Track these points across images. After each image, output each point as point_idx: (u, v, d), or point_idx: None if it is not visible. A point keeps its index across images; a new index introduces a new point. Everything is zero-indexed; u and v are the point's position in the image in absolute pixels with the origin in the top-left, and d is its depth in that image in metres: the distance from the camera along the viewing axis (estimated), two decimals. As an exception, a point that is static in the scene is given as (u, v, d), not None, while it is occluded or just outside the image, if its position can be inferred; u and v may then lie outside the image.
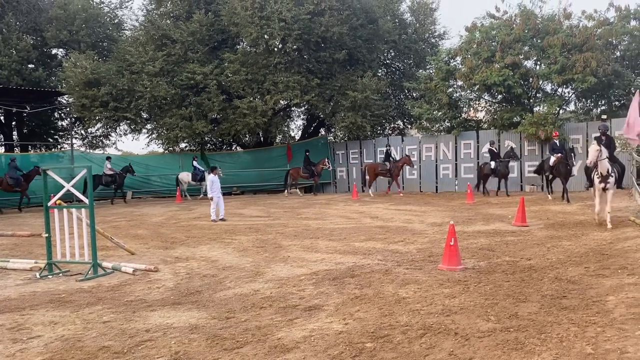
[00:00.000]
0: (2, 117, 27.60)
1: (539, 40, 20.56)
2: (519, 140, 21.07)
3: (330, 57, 23.57)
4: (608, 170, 10.37)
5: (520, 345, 4.41)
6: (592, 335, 4.54)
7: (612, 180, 10.44)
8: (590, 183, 11.17)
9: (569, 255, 7.93)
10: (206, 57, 23.98)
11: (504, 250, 8.62)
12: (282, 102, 25.50)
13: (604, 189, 10.50)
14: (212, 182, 14.52)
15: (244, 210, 17.41)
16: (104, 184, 22.67)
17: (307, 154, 24.30)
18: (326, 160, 24.09)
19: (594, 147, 10.32)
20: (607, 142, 10.91)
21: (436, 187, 23.11)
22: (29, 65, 26.00)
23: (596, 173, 10.56)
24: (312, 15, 22.27)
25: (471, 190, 18.00)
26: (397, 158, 22.67)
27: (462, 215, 13.62)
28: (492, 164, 18.84)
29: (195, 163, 23.64)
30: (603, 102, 22.04)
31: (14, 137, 28.08)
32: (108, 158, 23.75)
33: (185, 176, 23.51)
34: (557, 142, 17.05)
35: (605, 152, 10.35)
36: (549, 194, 16.98)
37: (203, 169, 23.14)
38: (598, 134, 11.50)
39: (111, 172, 22.81)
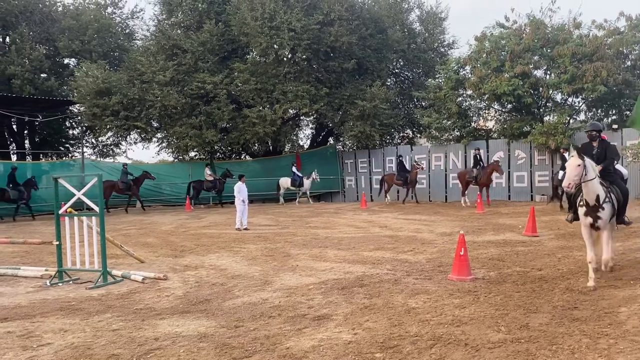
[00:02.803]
0: (14, 126, 27.88)
1: (548, 50, 20.51)
2: (529, 150, 20.96)
3: (339, 67, 23.66)
4: (598, 197, 6.63)
5: (531, 357, 4.37)
6: (604, 347, 4.49)
7: (606, 212, 6.65)
8: (574, 214, 7.25)
9: (581, 266, 7.85)
10: (216, 67, 24.15)
11: (515, 261, 8.56)
12: (291, 111, 25.62)
13: (593, 227, 6.76)
14: (239, 190, 14.51)
15: (252, 219, 17.41)
16: (205, 189, 23.71)
17: (401, 158, 22.92)
18: (417, 163, 22.00)
19: (573, 162, 6.53)
20: (601, 149, 7.35)
21: (445, 196, 23.02)
22: (42, 75, 26.28)
23: (581, 201, 6.90)
24: (321, 25, 22.40)
25: (481, 199, 17.88)
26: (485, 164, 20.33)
27: (472, 225, 13.55)
28: (561, 173, 15.70)
29: (294, 169, 24.16)
30: (614, 111, 21.91)
31: (26, 145, 28.37)
32: (207, 165, 24.51)
33: (285, 181, 24.23)
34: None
35: (592, 170, 6.64)
36: None
37: (301, 175, 23.83)
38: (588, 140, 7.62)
39: (212, 178, 23.70)
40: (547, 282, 6.96)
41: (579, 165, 6.50)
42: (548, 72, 21.14)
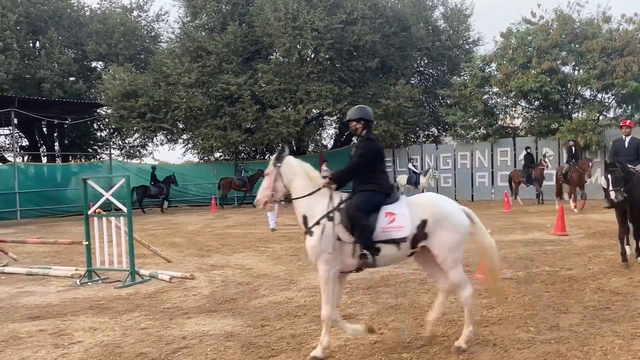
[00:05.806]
0: (44, 129, 28.56)
1: (577, 45, 20.12)
2: (557, 148, 20.57)
3: (362, 66, 23.59)
4: (305, 218, 4.71)
5: (561, 358, 4.28)
6: (638, 349, 4.37)
7: (313, 239, 4.67)
8: None
9: (612, 266, 7.67)
10: (240, 68, 24.32)
11: (544, 260, 8.40)
12: (314, 111, 25.64)
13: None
14: None
15: (277, 219, 17.48)
16: None
17: (529, 150, 19.44)
18: (544, 159, 19.14)
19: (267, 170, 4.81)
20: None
21: (472, 195, 22.76)
22: (70, 78, 26.87)
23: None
24: (344, 24, 22.38)
25: (508, 198, 17.59)
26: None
27: (499, 224, 13.34)
28: (603, 180, 10.90)
29: (410, 165, 23.88)
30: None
31: (55, 147, 29.03)
32: (325, 161, 24.52)
33: (402, 178, 23.62)
34: (625, 140, 8.62)
35: (300, 178, 4.72)
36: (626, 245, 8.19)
37: (418, 172, 23.25)
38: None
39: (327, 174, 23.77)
40: (577, 281, 6.81)
41: (268, 173, 4.64)
42: (576, 67, 20.76)
